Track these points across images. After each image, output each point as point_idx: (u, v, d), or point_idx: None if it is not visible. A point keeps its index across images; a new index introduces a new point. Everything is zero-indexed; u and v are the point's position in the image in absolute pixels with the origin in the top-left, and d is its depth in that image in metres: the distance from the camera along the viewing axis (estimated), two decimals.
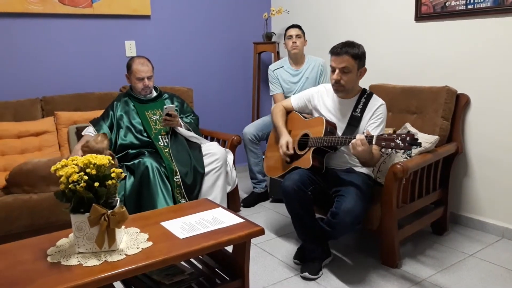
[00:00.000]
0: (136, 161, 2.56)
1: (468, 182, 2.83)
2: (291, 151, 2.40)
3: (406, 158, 2.43)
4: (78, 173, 1.52)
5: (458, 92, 2.70)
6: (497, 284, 2.17)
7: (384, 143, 1.93)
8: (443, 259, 2.44)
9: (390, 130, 2.76)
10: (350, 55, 2.20)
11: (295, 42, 3.26)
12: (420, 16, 2.92)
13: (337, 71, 2.23)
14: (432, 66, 2.91)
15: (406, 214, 2.41)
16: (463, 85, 2.72)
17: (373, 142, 1.98)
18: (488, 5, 2.57)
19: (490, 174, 2.71)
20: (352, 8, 3.42)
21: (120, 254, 1.56)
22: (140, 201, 2.48)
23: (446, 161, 2.68)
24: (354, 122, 2.30)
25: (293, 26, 3.32)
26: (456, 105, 2.69)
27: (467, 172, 2.82)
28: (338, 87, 2.28)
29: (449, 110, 2.65)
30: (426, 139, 2.46)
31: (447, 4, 2.76)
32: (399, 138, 1.86)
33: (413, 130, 2.61)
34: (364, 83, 2.87)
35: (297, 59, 3.35)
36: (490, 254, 2.48)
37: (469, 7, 2.66)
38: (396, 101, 2.85)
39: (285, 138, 2.43)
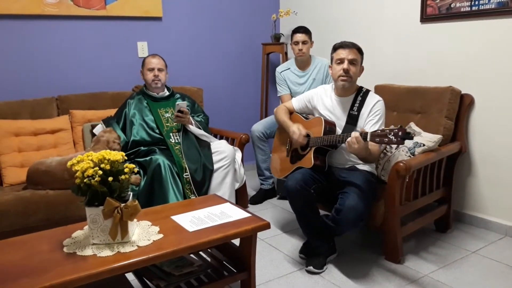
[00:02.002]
0: (148, 158, 2.65)
1: (471, 180, 2.87)
2: (304, 133, 2.45)
3: (410, 156, 2.48)
4: (93, 168, 1.61)
5: (463, 92, 2.74)
6: (498, 280, 2.22)
7: (378, 139, 1.99)
8: (445, 255, 2.48)
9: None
10: (356, 48, 2.37)
11: (301, 49, 3.29)
12: (426, 18, 2.96)
13: (346, 61, 2.33)
14: (437, 67, 2.95)
15: (409, 211, 2.47)
16: (468, 86, 2.76)
17: (368, 139, 2.04)
18: (493, 6, 2.61)
19: (494, 173, 2.75)
20: (358, 9, 3.47)
21: (132, 246, 1.64)
22: (151, 196, 2.56)
23: (450, 160, 2.72)
24: (352, 121, 2.37)
25: (299, 30, 3.32)
26: (460, 105, 2.73)
27: (471, 171, 2.86)
28: (347, 78, 2.35)
29: (453, 110, 2.69)
30: (430, 138, 2.51)
31: (452, 6, 2.81)
32: (392, 133, 1.92)
33: (417, 129, 2.66)
34: (370, 83, 2.94)
35: (303, 63, 3.40)
36: (492, 251, 2.52)
37: (473, 8, 2.70)
38: (401, 101, 2.90)
39: (295, 125, 2.50)
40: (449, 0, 2.81)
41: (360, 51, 2.38)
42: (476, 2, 2.68)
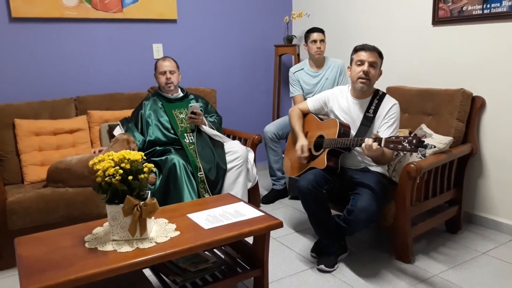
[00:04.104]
0: (163, 158, 2.72)
1: (482, 182, 2.89)
2: (306, 155, 2.51)
3: (421, 158, 2.51)
4: (113, 167, 1.68)
5: (474, 94, 2.76)
6: (508, 281, 2.24)
7: (391, 146, 2.02)
8: (455, 256, 2.51)
9: (407, 131, 2.85)
10: (377, 52, 2.39)
11: (320, 48, 3.36)
12: (437, 20, 2.99)
13: (366, 63, 2.36)
14: (449, 69, 2.98)
15: (420, 212, 2.50)
16: (479, 88, 2.78)
17: (382, 145, 2.07)
18: (504, 10, 2.63)
19: (505, 174, 2.77)
20: (371, 12, 3.51)
21: (151, 242, 1.71)
22: (167, 195, 2.64)
23: (461, 161, 2.75)
24: (367, 123, 2.40)
25: (316, 30, 3.38)
26: (471, 107, 2.75)
27: (482, 173, 2.88)
28: (365, 80, 2.37)
29: (464, 112, 2.71)
30: (440, 140, 2.54)
31: (464, 9, 2.83)
32: (406, 141, 1.95)
33: (428, 131, 2.69)
34: (382, 85, 2.96)
35: (319, 62, 3.45)
36: (502, 252, 2.55)
37: (485, 11, 2.72)
38: (412, 103, 2.93)
39: (301, 142, 2.55)
40: (461, 3, 2.84)
41: (380, 55, 2.40)
42: (488, 5, 2.70)
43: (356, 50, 2.43)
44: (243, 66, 4.15)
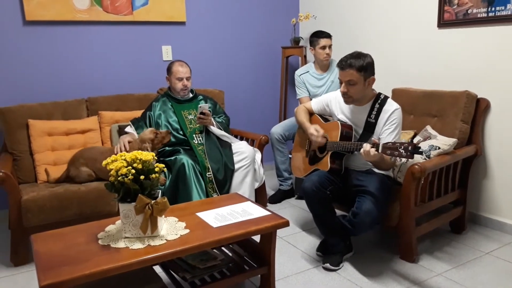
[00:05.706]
0: (173, 158, 2.79)
1: (487, 183, 2.92)
2: (322, 132, 2.51)
3: (426, 159, 2.54)
4: (126, 167, 1.74)
5: (479, 96, 2.79)
6: (511, 281, 2.28)
7: (388, 152, 2.05)
8: (459, 256, 2.55)
9: (412, 132, 2.89)
10: (354, 68, 2.28)
11: (328, 53, 3.40)
12: (443, 23, 3.02)
13: (343, 84, 2.36)
14: (454, 71, 3.01)
15: (424, 212, 2.54)
16: (484, 90, 2.81)
17: (379, 151, 2.09)
18: (509, 13, 2.66)
19: (509, 176, 2.79)
20: (377, 14, 3.54)
21: (161, 239, 1.77)
22: (176, 194, 2.70)
23: (465, 162, 2.78)
24: (369, 128, 2.41)
25: (324, 35, 3.41)
26: (476, 109, 2.78)
27: (486, 174, 2.91)
28: (346, 99, 2.40)
29: (469, 114, 2.74)
30: (445, 142, 2.58)
31: (469, 12, 2.86)
32: (402, 147, 1.98)
33: (433, 132, 2.72)
34: (387, 87, 3.01)
35: (325, 66, 3.50)
36: (506, 252, 2.57)
37: (490, 14, 2.75)
38: (417, 104, 2.96)
39: (312, 127, 2.54)
40: (466, 6, 2.87)
41: (359, 68, 2.27)
42: (493, 9, 2.73)
43: (337, 67, 2.41)
44: (251, 68, 4.21)
